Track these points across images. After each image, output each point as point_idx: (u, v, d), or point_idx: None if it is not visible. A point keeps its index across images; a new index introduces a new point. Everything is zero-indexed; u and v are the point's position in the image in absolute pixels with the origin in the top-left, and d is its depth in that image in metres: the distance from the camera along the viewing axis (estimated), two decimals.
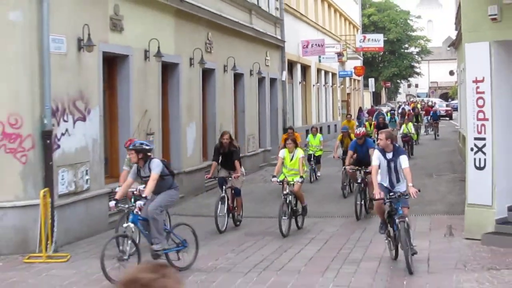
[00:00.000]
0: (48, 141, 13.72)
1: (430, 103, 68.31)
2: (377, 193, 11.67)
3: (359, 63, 59.65)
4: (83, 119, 15.17)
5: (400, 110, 51.08)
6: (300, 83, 38.68)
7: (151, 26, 18.55)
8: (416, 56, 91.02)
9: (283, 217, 14.98)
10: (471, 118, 13.79)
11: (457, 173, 24.70)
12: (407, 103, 74.06)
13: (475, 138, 13.70)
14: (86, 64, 15.27)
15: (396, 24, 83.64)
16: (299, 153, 15.76)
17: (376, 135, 27.63)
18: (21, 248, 13.22)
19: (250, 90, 28.27)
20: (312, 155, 24.66)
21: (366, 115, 41.92)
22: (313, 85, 42.18)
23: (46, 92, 13.62)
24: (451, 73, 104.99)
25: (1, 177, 13.38)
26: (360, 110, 50.56)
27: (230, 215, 16.39)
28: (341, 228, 16.05)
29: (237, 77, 26.73)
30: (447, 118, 67.30)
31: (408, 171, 11.83)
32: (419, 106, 60.64)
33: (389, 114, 40.89)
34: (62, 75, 14.37)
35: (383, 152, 12.06)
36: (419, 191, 11.68)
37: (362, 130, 17.90)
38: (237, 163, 16.26)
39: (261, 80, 29.93)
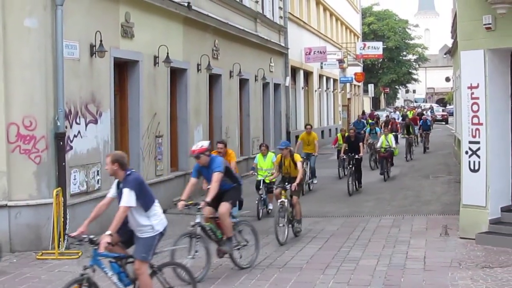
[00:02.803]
0: (61, 143, 13.89)
1: (418, 111, 58.41)
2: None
3: (359, 69, 60.02)
4: (95, 121, 15.39)
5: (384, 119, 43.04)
6: (302, 88, 38.95)
7: (160, 33, 18.78)
8: (414, 63, 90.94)
9: None
10: (466, 122, 13.93)
11: (452, 175, 25.00)
12: (398, 109, 64.04)
13: (470, 142, 13.86)
14: (98, 69, 15.49)
15: (395, 32, 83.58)
16: None
17: (345, 151, 22.85)
18: (34, 245, 13.39)
19: (254, 95, 28.56)
20: (262, 181, 18.14)
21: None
22: (315, 90, 42.42)
23: (60, 95, 13.79)
24: (447, 79, 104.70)
25: (16, 177, 13.50)
26: (363, 113, 50.56)
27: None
28: (341, 227, 16.14)
29: (243, 82, 26.99)
30: (443, 123, 69.38)
31: (120, 213, 8.47)
32: (410, 114, 49.64)
33: (368, 124, 34.51)
34: (75, 79, 14.58)
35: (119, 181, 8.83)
36: (109, 243, 8.30)
37: (200, 146, 11.85)
38: None
39: (265, 85, 30.20)
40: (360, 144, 22.73)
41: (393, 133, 31.36)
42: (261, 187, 18.18)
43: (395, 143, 26.43)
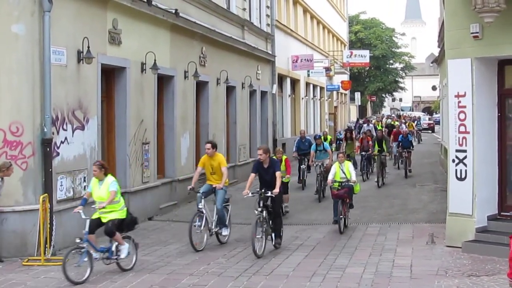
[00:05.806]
0: (48, 149, 13.85)
1: (389, 121, 46.06)
2: None
3: (346, 77, 60.14)
4: (82, 128, 15.34)
5: (340, 135, 35.46)
6: (289, 96, 38.97)
7: (147, 40, 18.77)
8: (400, 71, 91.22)
9: None
10: (453, 131, 14.02)
11: (438, 184, 25.10)
12: (372, 119, 51.58)
13: (457, 150, 13.95)
14: (85, 75, 15.45)
15: (382, 41, 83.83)
16: None
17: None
18: (20, 251, 13.34)
19: (241, 102, 28.53)
20: (97, 223, 12.18)
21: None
22: (302, 98, 42.47)
23: (47, 101, 13.75)
24: (434, 88, 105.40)
25: None
26: (358, 121, 50.43)
27: None
28: (328, 235, 16.14)
29: (230, 89, 26.97)
30: (430, 131, 70.15)
31: None
32: (380, 126, 40.25)
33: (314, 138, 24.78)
34: (62, 85, 14.54)
35: None
36: None
37: None
38: None
39: (252, 93, 30.18)
40: (277, 173, 14.38)
41: (366, 152, 26.94)
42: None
43: (354, 174, 17.45)
